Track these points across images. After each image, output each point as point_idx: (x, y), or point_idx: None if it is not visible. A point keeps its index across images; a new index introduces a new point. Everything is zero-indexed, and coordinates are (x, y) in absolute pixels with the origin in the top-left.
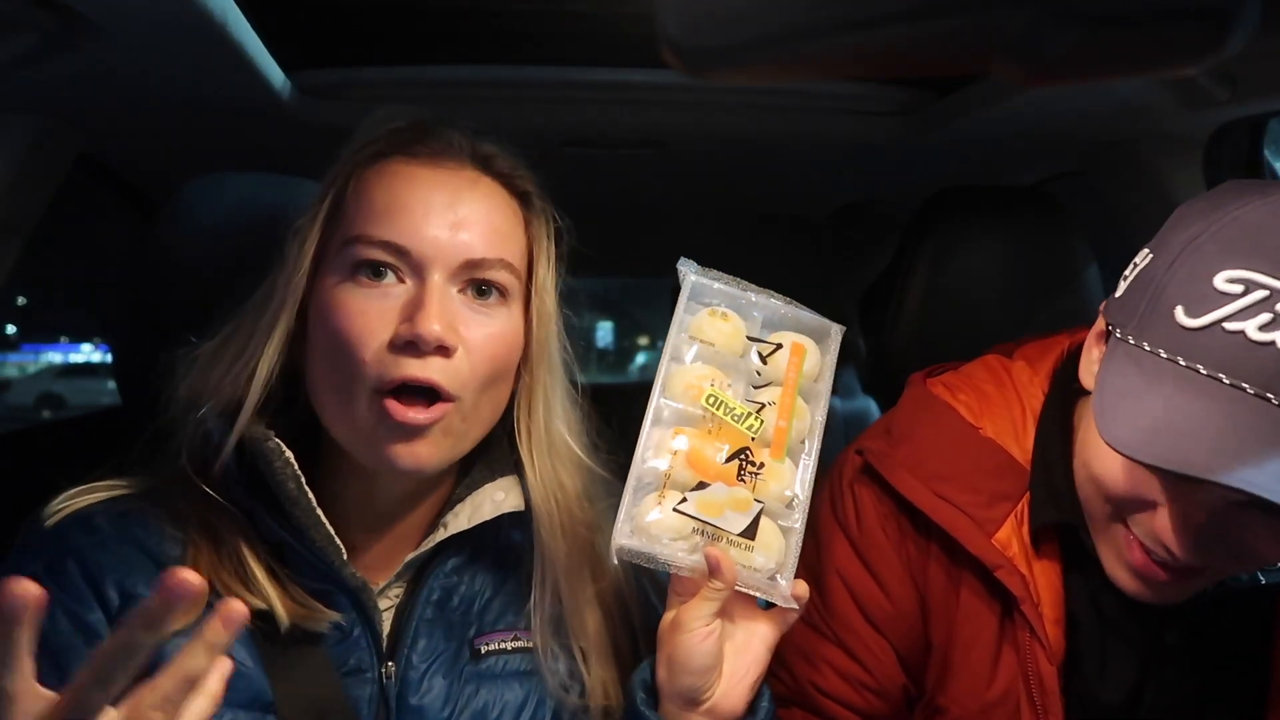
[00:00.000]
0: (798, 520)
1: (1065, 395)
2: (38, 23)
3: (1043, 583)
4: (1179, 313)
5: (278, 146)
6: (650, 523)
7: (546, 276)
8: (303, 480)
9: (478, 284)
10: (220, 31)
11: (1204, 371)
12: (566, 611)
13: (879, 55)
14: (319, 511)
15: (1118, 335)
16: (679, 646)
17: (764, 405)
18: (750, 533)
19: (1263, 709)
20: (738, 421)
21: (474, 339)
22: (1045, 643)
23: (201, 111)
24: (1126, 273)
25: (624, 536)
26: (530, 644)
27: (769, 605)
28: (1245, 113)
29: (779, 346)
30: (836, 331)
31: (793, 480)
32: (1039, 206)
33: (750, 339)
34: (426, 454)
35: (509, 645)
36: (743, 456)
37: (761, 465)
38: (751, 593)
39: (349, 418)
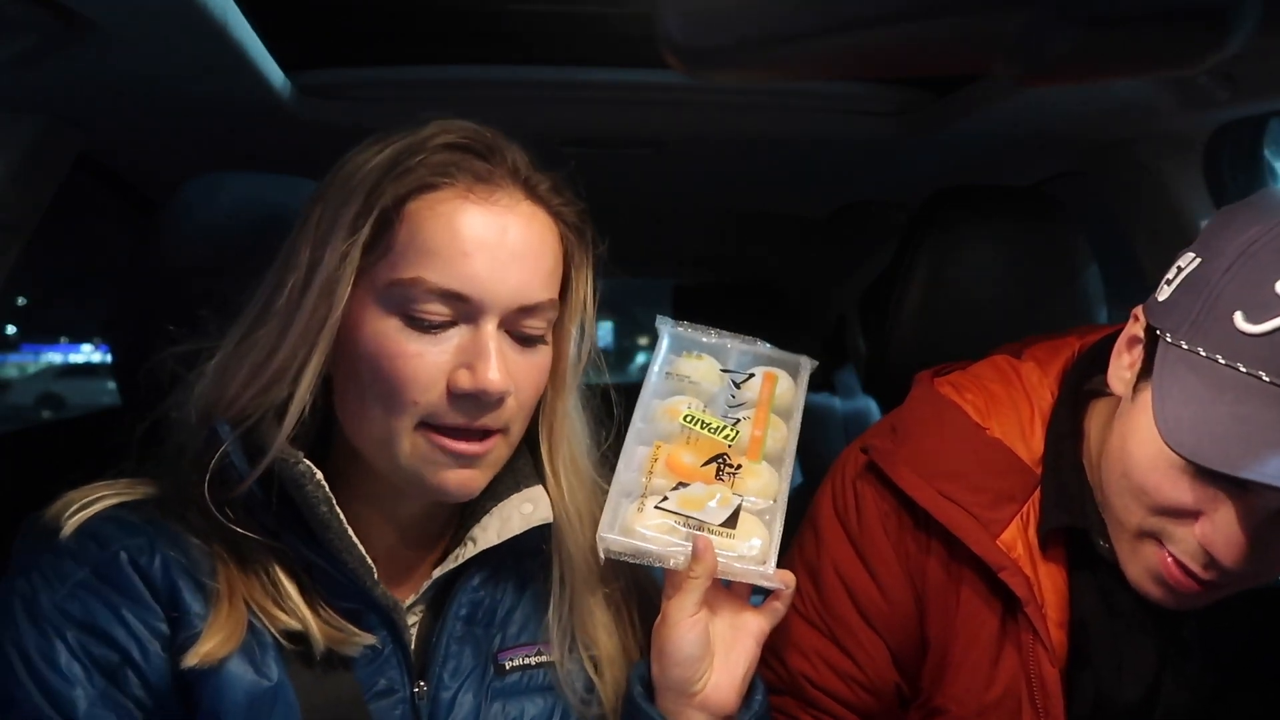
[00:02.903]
0: (778, 513)
1: (1076, 399)
2: (38, 23)
3: (1048, 585)
4: (1238, 318)
5: (278, 146)
6: (634, 519)
7: (581, 302)
8: (334, 502)
9: (523, 332)
10: (220, 31)
11: (1266, 379)
12: (581, 624)
13: (879, 55)
14: (351, 533)
15: (1168, 340)
16: (666, 638)
17: (739, 419)
18: (731, 523)
19: None
20: (714, 433)
21: (521, 378)
22: (1049, 645)
23: (201, 111)
24: (1169, 276)
25: (610, 534)
26: (549, 657)
27: (761, 601)
28: (1245, 113)
29: (752, 375)
30: (807, 364)
31: (770, 482)
32: (1039, 206)
33: (725, 371)
34: (478, 481)
35: (532, 660)
36: (720, 460)
37: (739, 467)
38: (738, 579)
39: (393, 452)
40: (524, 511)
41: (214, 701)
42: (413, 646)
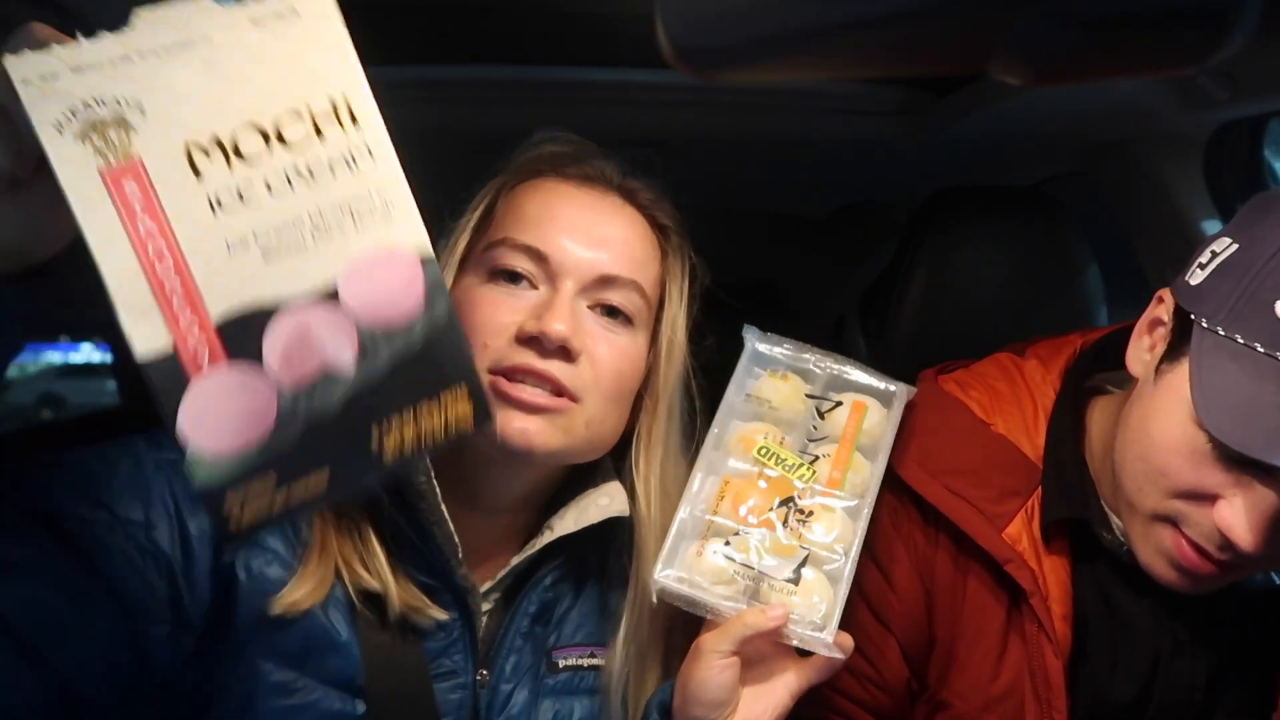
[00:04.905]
0: (846, 570)
1: (1077, 392)
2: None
3: (1052, 578)
4: (1279, 308)
5: None
6: (692, 564)
7: (678, 311)
8: (432, 474)
9: (607, 306)
10: None
11: None
12: (639, 624)
13: (879, 55)
14: (443, 508)
15: (1204, 325)
16: (693, 675)
17: (818, 458)
18: (794, 579)
19: (1274, 701)
20: (789, 471)
21: (598, 351)
22: (1053, 637)
23: None
24: (1202, 260)
25: (665, 577)
26: (603, 661)
27: (807, 652)
28: (1245, 113)
29: (839, 404)
30: (903, 393)
31: (843, 531)
32: (1039, 206)
33: (810, 397)
34: (537, 432)
35: (585, 662)
36: (790, 504)
37: (810, 514)
38: (794, 643)
39: None
40: (600, 504)
41: (272, 625)
42: (481, 635)
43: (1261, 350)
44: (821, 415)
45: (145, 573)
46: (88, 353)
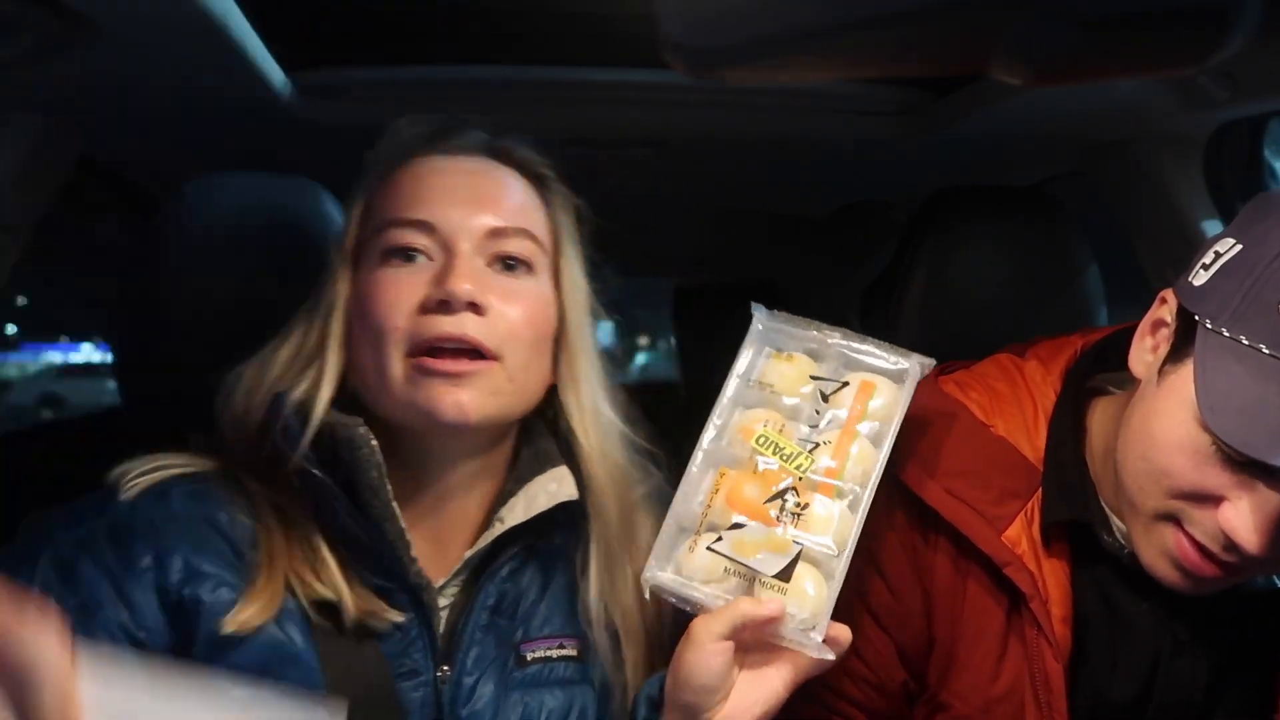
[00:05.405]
0: (839, 566)
1: (1078, 394)
2: (38, 23)
3: (1051, 580)
4: None
5: (278, 146)
6: (683, 561)
7: (572, 252)
8: (384, 469)
9: (504, 258)
10: (220, 31)
11: None
12: (614, 589)
13: (880, 55)
14: (394, 504)
15: (1208, 326)
16: (685, 660)
17: (818, 445)
18: (785, 575)
19: (1272, 702)
20: (786, 461)
21: (506, 304)
22: (1052, 640)
23: (201, 111)
24: (1205, 260)
25: (657, 573)
26: (574, 652)
27: None
28: (1245, 113)
29: (845, 384)
30: (916, 368)
31: (839, 525)
32: (1039, 206)
33: (815, 378)
34: (469, 401)
35: (554, 653)
36: (784, 496)
37: (805, 506)
38: (781, 643)
39: (387, 383)
40: (550, 490)
41: (225, 645)
42: (441, 631)
43: (1266, 351)
44: (826, 399)
45: (101, 638)
46: (88, 353)
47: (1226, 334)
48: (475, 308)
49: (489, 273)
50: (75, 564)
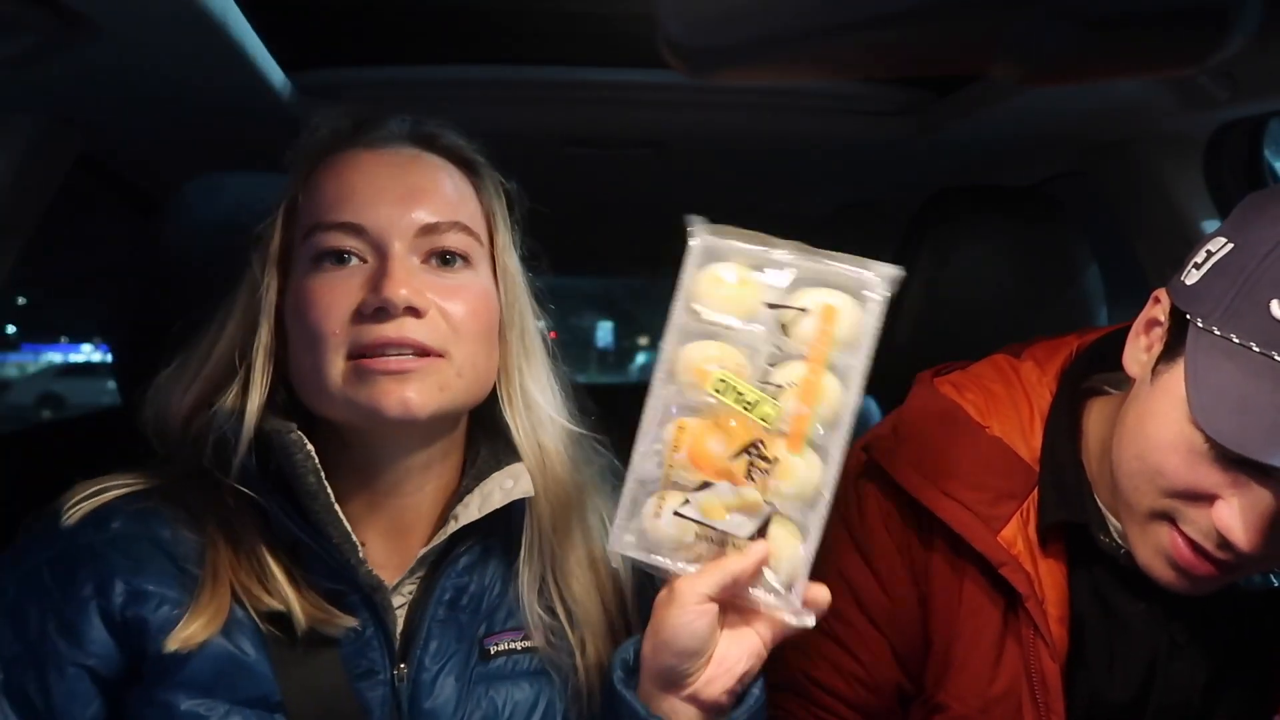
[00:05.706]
0: (815, 522)
1: (1074, 395)
2: (38, 23)
3: (1048, 581)
4: (1275, 307)
5: (278, 146)
6: (649, 528)
7: (506, 239)
8: (322, 474)
9: (440, 254)
10: (220, 31)
11: None
12: (554, 572)
13: (879, 55)
14: (336, 506)
15: (1199, 325)
16: (667, 621)
17: (782, 387)
18: (758, 537)
19: (1270, 703)
20: (749, 409)
21: (446, 301)
22: (1049, 640)
23: (201, 111)
24: (1197, 259)
25: (622, 543)
26: (536, 643)
27: None
28: (1245, 113)
29: (804, 311)
30: (878, 280)
31: (811, 477)
32: (1039, 206)
33: (770, 305)
34: (414, 396)
35: (518, 645)
36: (752, 450)
37: (775, 460)
38: (758, 608)
39: (327, 385)
40: (505, 487)
41: (174, 661)
42: (400, 629)
43: (1257, 349)
44: (785, 330)
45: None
46: (88, 353)
47: (1218, 332)
48: (415, 312)
49: (425, 270)
50: (20, 605)
